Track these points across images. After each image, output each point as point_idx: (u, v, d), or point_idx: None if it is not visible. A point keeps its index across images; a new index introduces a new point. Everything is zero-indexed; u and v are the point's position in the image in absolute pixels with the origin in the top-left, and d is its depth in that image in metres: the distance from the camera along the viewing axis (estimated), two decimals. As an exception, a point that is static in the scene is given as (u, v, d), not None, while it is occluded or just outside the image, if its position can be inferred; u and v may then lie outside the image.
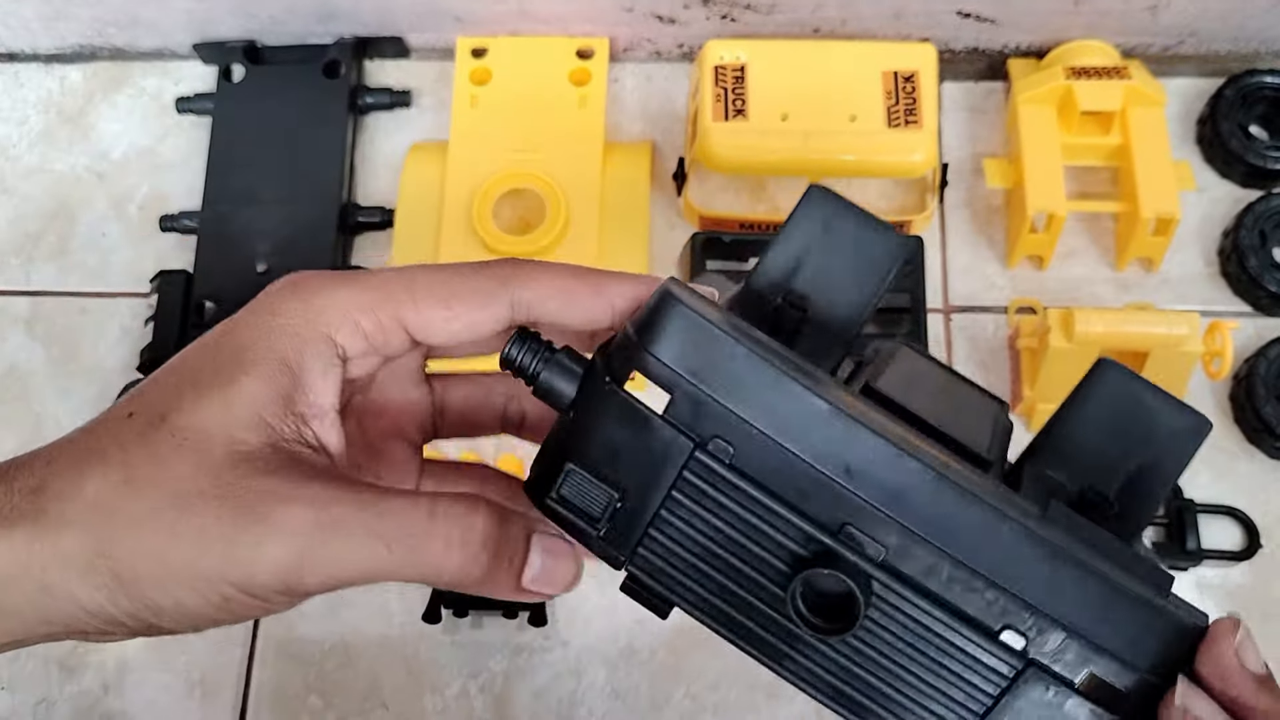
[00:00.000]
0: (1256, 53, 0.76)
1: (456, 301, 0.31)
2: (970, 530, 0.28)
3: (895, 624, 0.29)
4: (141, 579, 0.28)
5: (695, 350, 0.29)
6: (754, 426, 0.29)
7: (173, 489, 0.28)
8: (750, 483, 0.29)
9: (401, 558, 0.29)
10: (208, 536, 0.28)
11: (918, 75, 0.71)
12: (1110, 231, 0.74)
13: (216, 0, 0.77)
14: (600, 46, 0.77)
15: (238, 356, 0.30)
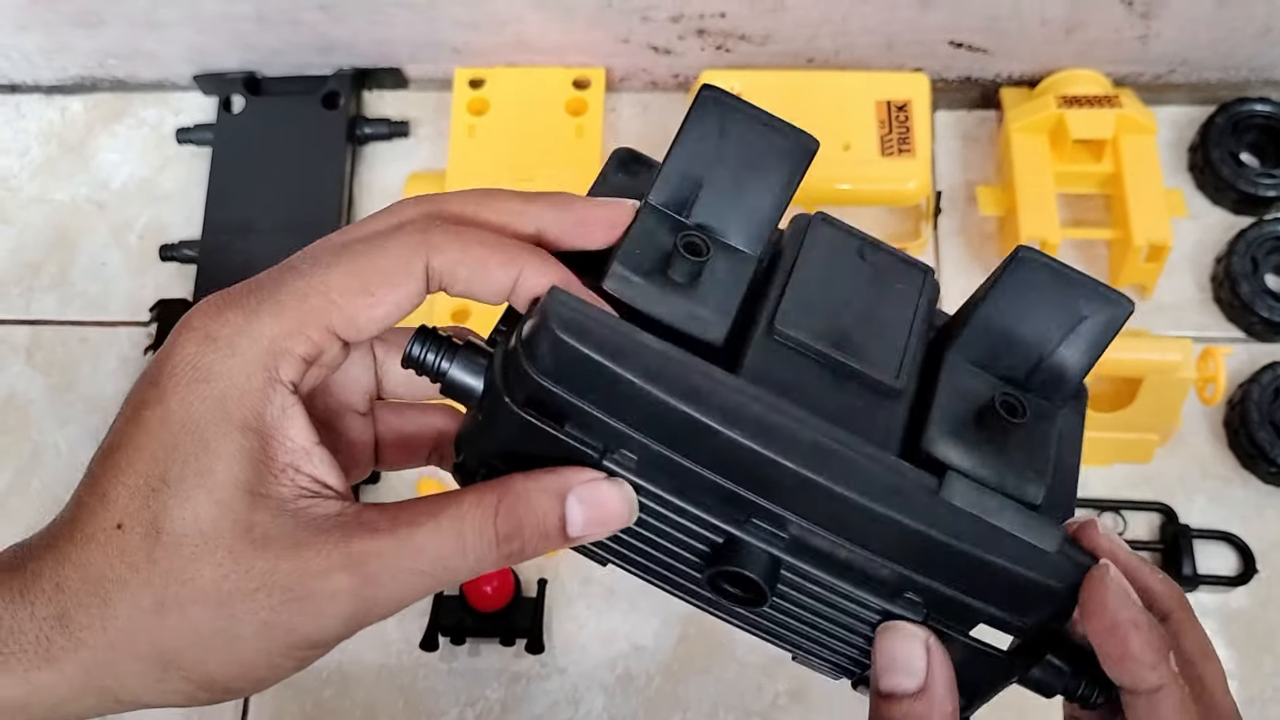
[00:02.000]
0: (1246, 81, 0.77)
1: (375, 287, 0.30)
2: (863, 521, 0.30)
3: (805, 591, 0.32)
4: (217, 678, 0.29)
5: (579, 376, 0.29)
6: (648, 443, 0.30)
7: (213, 600, 0.29)
8: (657, 486, 0.31)
9: (444, 578, 0.30)
10: (269, 629, 0.29)
11: (911, 104, 0.71)
12: (1103, 258, 0.75)
13: (216, 32, 0.77)
14: (597, 77, 0.78)
15: (200, 441, 0.29)
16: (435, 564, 0.29)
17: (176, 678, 0.29)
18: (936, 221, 0.76)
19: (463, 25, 0.76)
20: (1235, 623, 0.66)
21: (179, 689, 0.29)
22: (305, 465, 0.30)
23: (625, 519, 0.31)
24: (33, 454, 0.73)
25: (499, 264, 0.31)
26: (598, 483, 0.31)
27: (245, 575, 0.29)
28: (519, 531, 0.30)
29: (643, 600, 0.68)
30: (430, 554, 0.29)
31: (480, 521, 0.30)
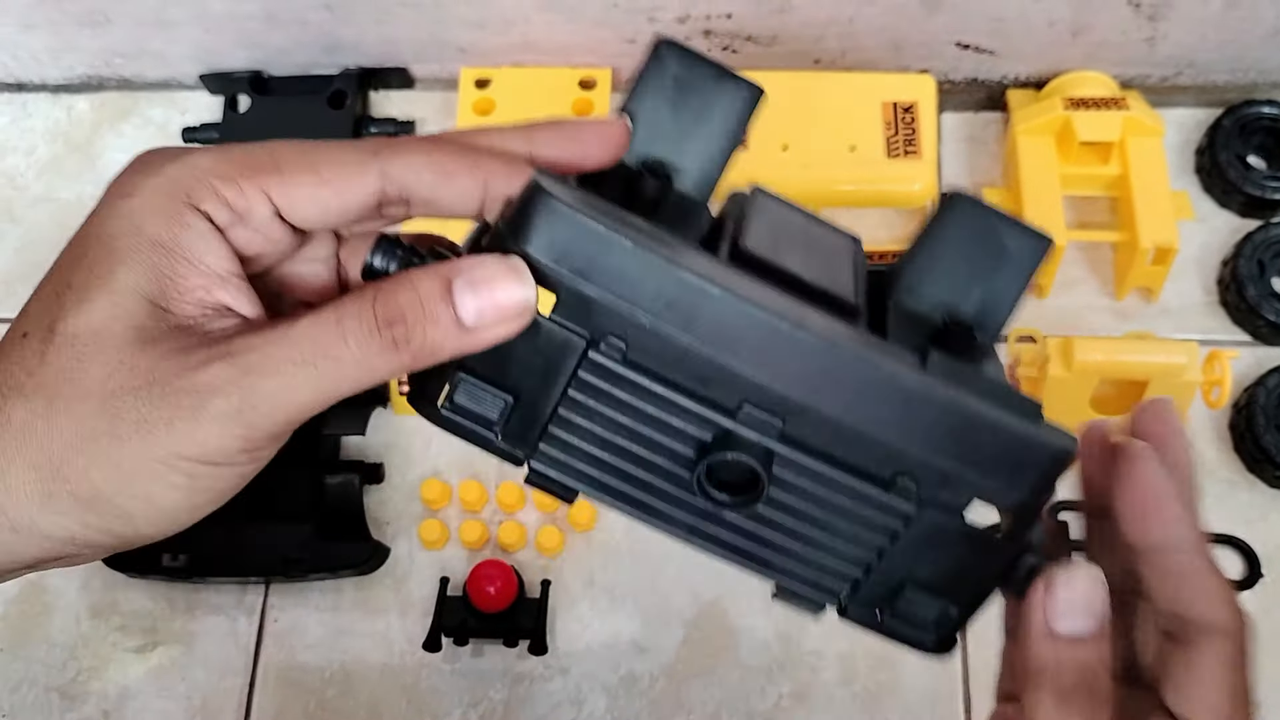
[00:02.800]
0: (1254, 83, 0.77)
1: (324, 168, 0.30)
2: (857, 391, 0.29)
3: (799, 488, 0.31)
4: (102, 491, 0.28)
5: (574, 246, 0.29)
6: (643, 319, 0.29)
7: (97, 397, 0.28)
8: (646, 375, 0.30)
9: (329, 370, 0.28)
10: (148, 425, 0.28)
11: (917, 106, 0.71)
12: (1109, 261, 0.74)
13: (223, 31, 0.77)
14: (603, 77, 0.78)
15: (108, 249, 0.29)
16: (314, 352, 0.28)
17: (64, 494, 0.28)
18: (942, 223, 0.76)
19: (469, 25, 0.76)
20: (1241, 627, 0.66)
21: (67, 510, 0.28)
22: (217, 290, 0.30)
23: (522, 299, 0.28)
24: (38, 452, 0.73)
25: (465, 169, 0.30)
26: (483, 258, 0.28)
27: (130, 373, 0.28)
28: (400, 315, 0.28)
29: (646, 601, 0.68)
30: (308, 341, 0.28)
31: (358, 306, 0.28)
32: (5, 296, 0.79)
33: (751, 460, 0.30)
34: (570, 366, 0.30)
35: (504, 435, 0.31)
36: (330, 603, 0.69)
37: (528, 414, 0.31)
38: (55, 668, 0.68)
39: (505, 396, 0.31)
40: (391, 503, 0.71)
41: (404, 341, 0.28)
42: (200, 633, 0.69)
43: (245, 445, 0.28)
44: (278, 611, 0.69)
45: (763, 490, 0.30)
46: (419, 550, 0.70)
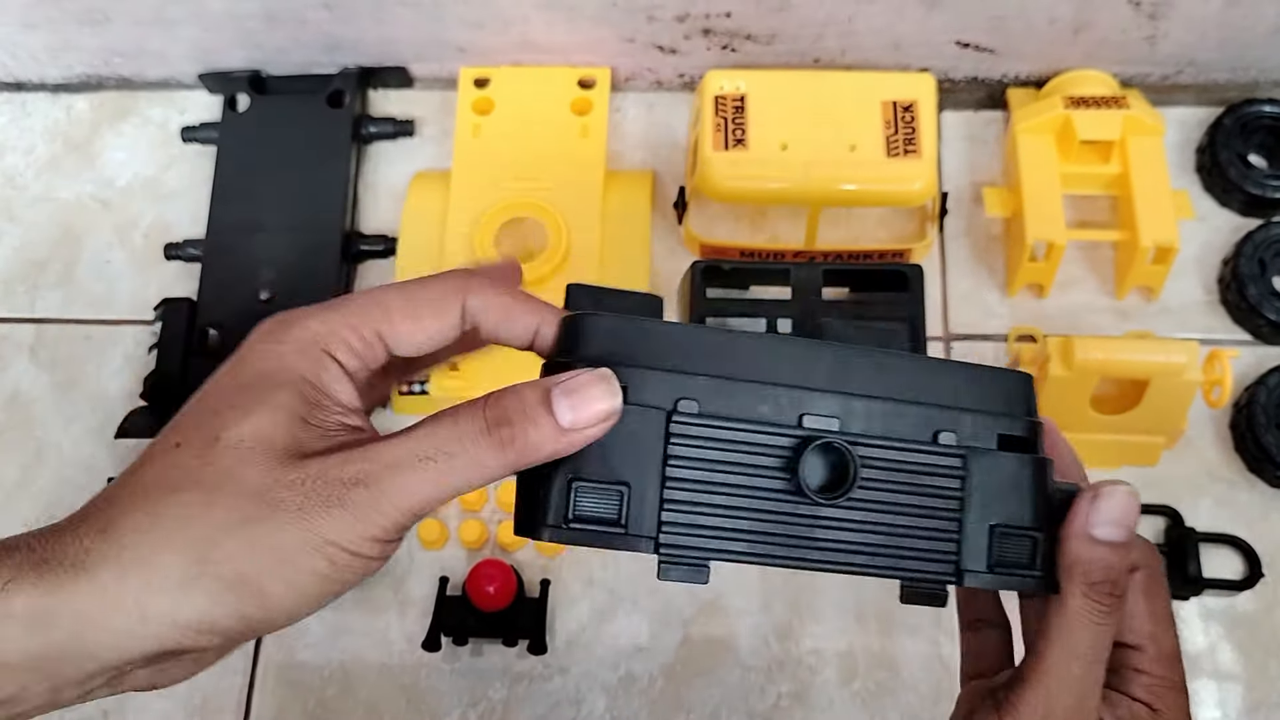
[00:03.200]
0: (1255, 82, 0.77)
1: (421, 314, 0.36)
2: (879, 373, 0.36)
3: (873, 470, 0.36)
4: (247, 573, 0.31)
5: (619, 338, 0.35)
6: (701, 376, 0.35)
7: (254, 492, 0.31)
8: (723, 420, 0.35)
9: (446, 466, 0.32)
10: (301, 516, 0.31)
11: (917, 105, 0.71)
12: (1110, 260, 0.74)
13: (222, 31, 0.77)
14: (602, 76, 0.78)
15: (265, 380, 0.34)
16: (434, 449, 0.32)
17: (209, 575, 0.30)
18: (942, 223, 0.76)
19: (468, 24, 0.75)
20: (1241, 627, 0.66)
21: (208, 589, 0.30)
22: (347, 418, 0.35)
23: (609, 399, 0.33)
24: (37, 452, 0.73)
25: (523, 311, 0.37)
26: (574, 372, 0.33)
27: (285, 472, 0.32)
28: (507, 418, 0.32)
29: (645, 601, 0.68)
30: (429, 440, 0.32)
31: (470, 410, 0.33)
32: (3, 295, 0.79)
33: (834, 448, 0.35)
34: (662, 437, 0.34)
35: (629, 526, 0.34)
36: (329, 602, 0.69)
37: (642, 496, 0.34)
38: (54, 667, 0.68)
39: (619, 488, 0.34)
40: (391, 502, 0.71)
41: (509, 441, 0.32)
42: (199, 632, 0.68)
43: (379, 534, 0.32)
44: (277, 611, 0.69)
45: (854, 470, 0.35)
46: (418, 550, 0.70)
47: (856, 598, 0.67)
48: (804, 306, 0.68)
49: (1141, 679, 0.38)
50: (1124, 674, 0.38)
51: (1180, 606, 0.66)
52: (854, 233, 0.75)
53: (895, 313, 0.68)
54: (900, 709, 0.65)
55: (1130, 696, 0.37)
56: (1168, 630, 0.39)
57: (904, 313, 0.68)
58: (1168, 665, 0.38)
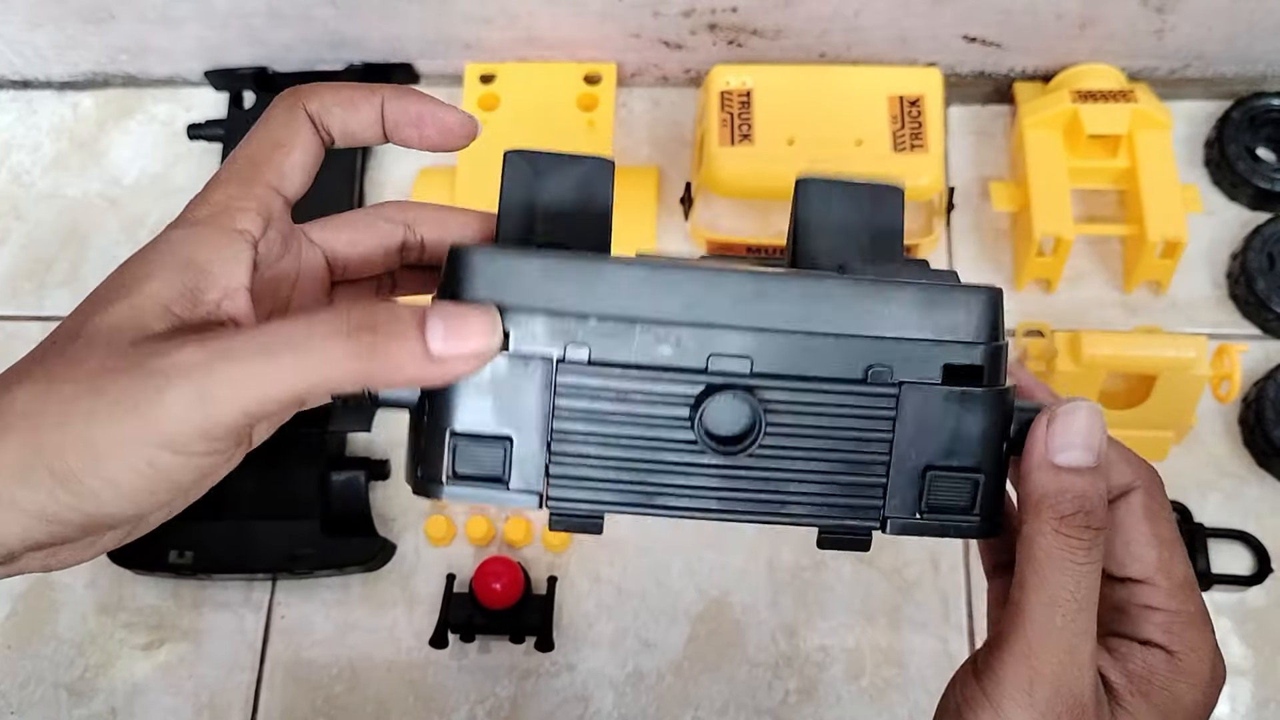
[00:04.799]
0: (1263, 75, 0.76)
1: (280, 140, 0.36)
2: (803, 303, 0.32)
3: (790, 414, 0.33)
4: (73, 468, 0.29)
5: (504, 279, 0.32)
6: (593, 317, 0.32)
7: (87, 379, 0.29)
8: (617, 367, 0.32)
9: (290, 365, 0.29)
10: (119, 407, 0.29)
11: (923, 99, 0.71)
12: (1118, 254, 0.74)
13: (228, 28, 0.77)
14: (608, 72, 0.78)
15: (145, 267, 0.32)
16: (279, 343, 0.29)
17: (41, 468, 0.29)
18: (949, 218, 0.75)
19: (474, 20, 0.75)
20: (1251, 622, 0.66)
21: (40, 483, 0.29)
22: (227, 304, 0.33)
23: (485, 337, 0.31)
24: (44, 449, 0.73)
25: (363, 97, 0.36)
26: (458, 303, 0.31)
27: (120, 360, 0.30)
28: (373, 324, 0.29)
29: (653, 597, 0.68)
30: (275, 334, 0.29)
31: (333, 312, 0.30)
32: (11, 293, 0.79)
33: (741, 397, 0.32)
34: (548, 387, 0.32)
35: (514, 482, 0.33)
36: (337, 599, 0.69)
37: (524, 452, 0.32)
38: (63, 665, 0.68)
39: (500, 444, 0.32)
40: (397, 499, 0.71)
41: (369, 350, 0.29)
42: (207, 629, 0.69)
43: (203, 433, 0.29)
44: (285, 608, 0.69)
45: (760, 424, 0.32)
46: (425, 547, 0.70)
47: (865, 594, 0.67)
48: (811, 302, 0.68)
49: (1154, 617, 0.33)
50: (1131, 614, 0.33)
51: (1189, 602, 0.66)
52: (861, 228, 0.75)
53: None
54: (908, 705, 0.64)
55: (1141, 640, 0.33)
56: (1176, 556, 0.33)
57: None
58: (1182, 596, 0.33)
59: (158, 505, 0.31)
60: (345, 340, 0.29)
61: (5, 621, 0.69)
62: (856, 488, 0.33)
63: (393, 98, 0.36)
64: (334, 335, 0.29)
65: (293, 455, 0.70)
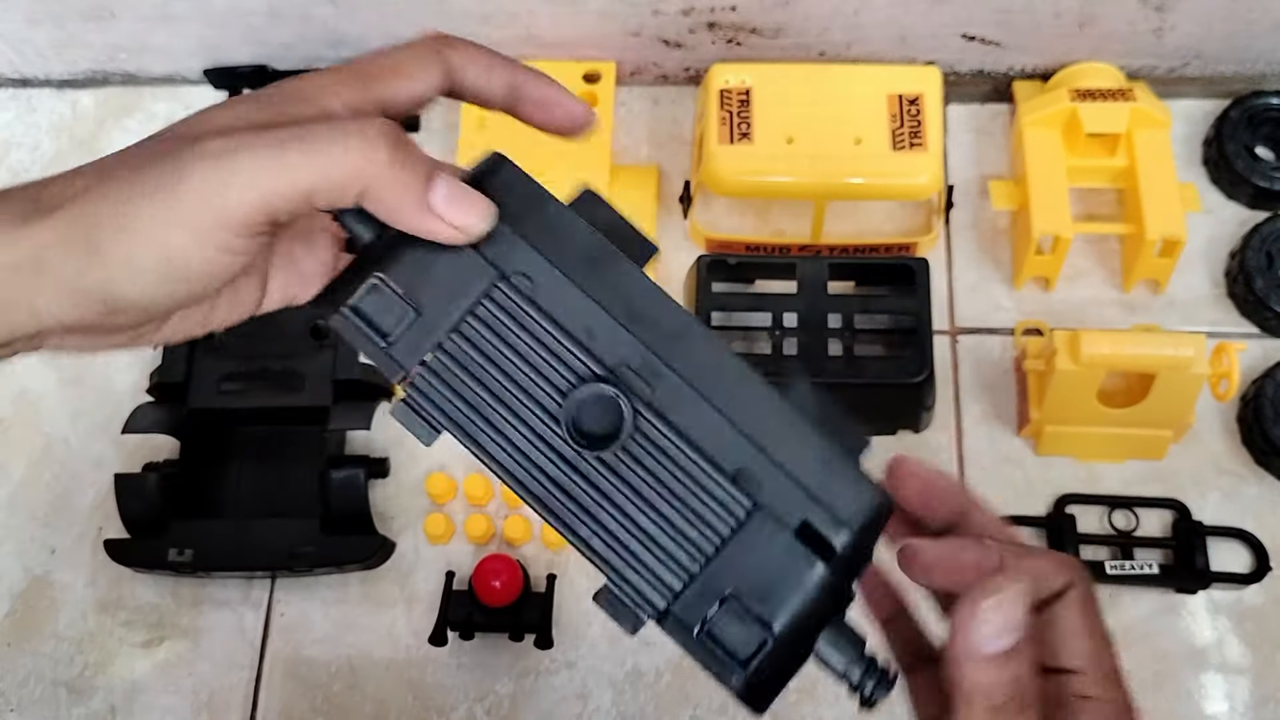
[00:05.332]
0: (1262, 74, 0.77)
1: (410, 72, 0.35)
2: (730, 383, 0.33)
3: (650, 455, 0.33)
4: (103, 241, 0.31)
5: (518, 198, 0.34)
6: (558, 268, 0.33)
7: (135, 163, 0.31)
8: (544, 316, 0.33)
9: (304, 157, 0.31)
10: (149, 186, 0.31)
11: (923, 98, 0.71)
12: (1116, 253, 0.74)
13: (226, 26, 0.77)
14: (607, 70, 0.78)
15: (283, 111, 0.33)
16: (299, 138, 0.31)
17: (79, 240, 0.31)
18: (948, 216, 0.75)
19: (473, 19, 0.75)
20: (1249, 620, 0.66)
21: (77, 253, 0.31)
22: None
23: (476, 220, 0.33)
24: (45, 447, 0.74)
25: (502, 64, 0.36)
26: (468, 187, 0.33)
27: (165, 147, 0.32)
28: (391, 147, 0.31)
29: (652, 595, 0.68)
30: (295, 130, 0.31)
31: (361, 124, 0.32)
32: (11, 292, 0.79)
33: (619, 397, 0.32)
34: (477, 292, 0.33)
35: (394, 347, 0.33)
36: (336, 597, 0.69)
37: (423, 330, 0.33)
38: (62, 662, 0.68)
39: (409, 308, 0.33)
40: (397, 497, 0.71)
41: (375, 167, 0.31)
42: (206, 627, 0.69)
43: (219, 221, 0.31)
44: (284, 606, 0.69)
45: (619, 436, 0.32)
46: (424, 545, 0.70)
47: (864, 594, 0.67)
48: (810, 300, 0.68)
49: (1088, 706, 0.33)
50: (1069, 705, 0.33)
51: (1187, 600, 0.66)
52: (860, 226, 0.75)
53: (901, 307, 0.68)
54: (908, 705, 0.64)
55: None
56: (1107, 648, 0.34)
57: (910, 307, 0.68)
58: (1113, 686, 0.34)
59: (166, 296, 0.32)
60: (370, 153, 0.31)
61: (5, 619, 0.69)
62: (667, 560, 0.33)
63: (527, 75, 0.37)
64: (360, 143, 0.31)
65: (292, 453, 0.70)
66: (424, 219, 0.32)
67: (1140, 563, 0.66)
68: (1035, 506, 0.69)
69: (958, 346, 0.73)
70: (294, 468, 0.70)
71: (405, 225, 0.32)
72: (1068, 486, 0.69)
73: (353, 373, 0.69)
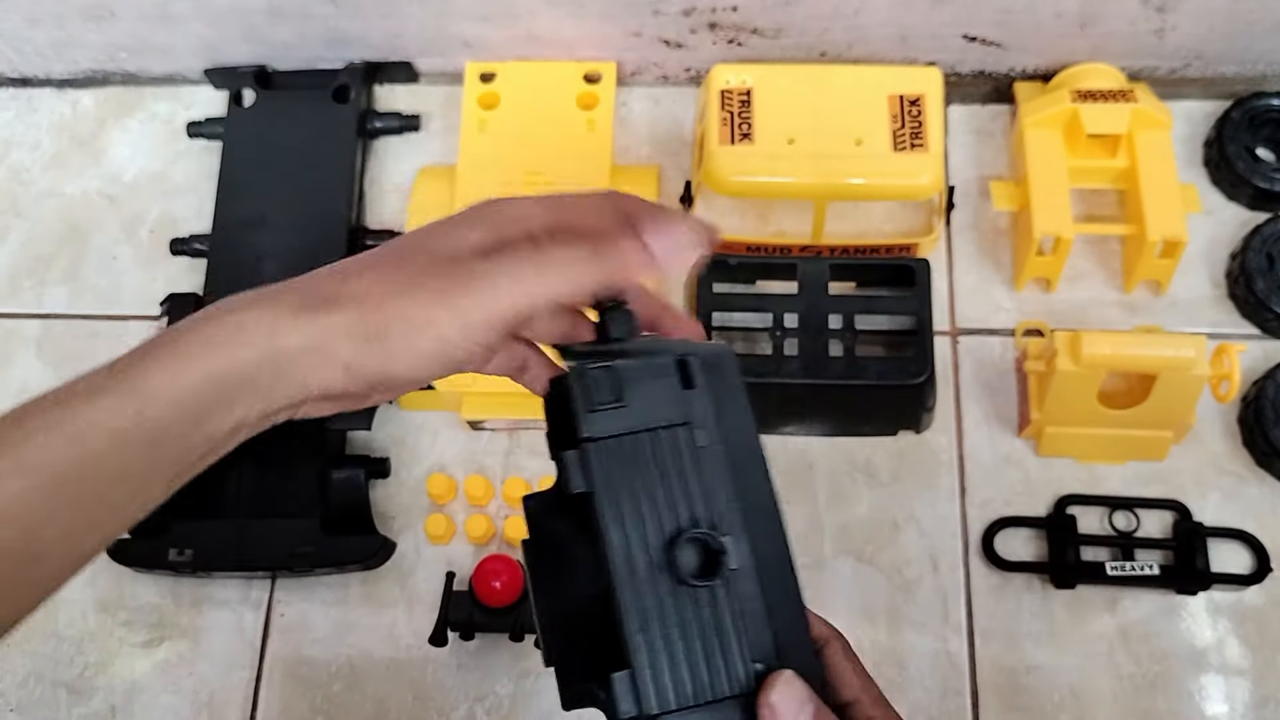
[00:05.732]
0: (1263, 75, 0.77)
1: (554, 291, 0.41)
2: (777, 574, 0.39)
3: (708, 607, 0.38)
4: (390, 331, 0.38)
5: (726, 384, 0.40)
6: (724, 443, 0.40)
7: (411, 273, 0.39)
8: (695, 466, 0.39)
9: (553, 275, 0.39)
10: (434, 294, 0.38)
11: (924, 99, 0.71)
12: (1117, 254, 0.74)
13: (227, 26, 0.77)
14: (608, 71, 0.78)
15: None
16: (545, 259, 0.39)
17: (362, 329, 0.38)
18: (949, 217, 0.75)
19: (474, 19, 0.75)
20: (1249, 621, 0.66)
21: (360, 342, 0.38)
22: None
23: (704, 236, 0.41)
24: (44, 447, 0.73)
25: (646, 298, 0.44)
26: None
27: (436, 264, 0.39)
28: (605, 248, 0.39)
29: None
30: (545, 253, 0.39)
31: (581, 243, 0.39)
32: (11, 291, 0.79)
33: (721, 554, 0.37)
34: (665, 420, 0.39)
35: (591, 415, 0.38)
36: (336, 597, 0.69)
37: (617, 419, 0.39)
38: (63, 662, 0.68)
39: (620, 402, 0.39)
40: (397, 497, 0.71)
41: (602, 265, 0.39)
42: (207, 627, 0.69)
43: (487, 322, 0.38)
44: (284, 606, 0.69)
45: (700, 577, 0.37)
46: (425, 545, 0.70)
47: (864, 593, 0.67)
48: (811, 301, 0.68)
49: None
50: None
51: (1188, 601, 0.66)
52: (860, 227, 0.75)
53: (902, 307, 0.68)
54: (908, 705, 0.64)
55: None
56: (871, 680, 0.41)
57: (911, 307, 0.68)
58: (886, 706, 0.41)
59: (431, 376, 0.39)
60: (577, 248, 0.39)
61: (4, 619, 0.69)
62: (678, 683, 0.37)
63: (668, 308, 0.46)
64: (570, 245, 0.39)
65: (292, 453, 0.70)
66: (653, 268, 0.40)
67: (1141, 564, 0.66)
68: (1036, 507, 0.69)
69: (958, 347, 0.73)
70: (294, 468, 0.70)
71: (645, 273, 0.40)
72: (1068, 487, 0.69)
73: (353, 373, 0.69)
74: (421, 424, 0.73)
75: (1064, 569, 0.66)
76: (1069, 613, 0.66)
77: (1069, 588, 0.66)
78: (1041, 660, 0.65)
